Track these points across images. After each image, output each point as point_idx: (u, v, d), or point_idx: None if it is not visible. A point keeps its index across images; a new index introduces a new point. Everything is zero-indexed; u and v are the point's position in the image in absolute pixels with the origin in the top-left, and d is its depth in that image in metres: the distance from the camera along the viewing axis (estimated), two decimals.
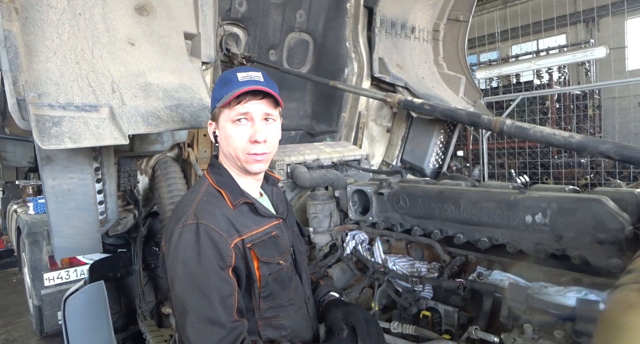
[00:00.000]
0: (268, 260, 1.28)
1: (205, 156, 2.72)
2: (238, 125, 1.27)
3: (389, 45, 3.59)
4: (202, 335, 1.11)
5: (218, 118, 1.32)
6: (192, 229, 1.18)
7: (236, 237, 1.22)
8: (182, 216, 1.21)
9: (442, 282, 1.80)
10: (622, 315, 0.98)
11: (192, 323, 1.12)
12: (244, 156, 1.28)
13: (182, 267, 1.16)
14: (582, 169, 6.03)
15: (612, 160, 1.40)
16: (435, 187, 1.92)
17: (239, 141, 1.27)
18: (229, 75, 1.30)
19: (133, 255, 2.58)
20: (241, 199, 1.30)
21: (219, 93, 1.29)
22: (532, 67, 7.54)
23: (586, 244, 1.45)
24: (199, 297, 1.13)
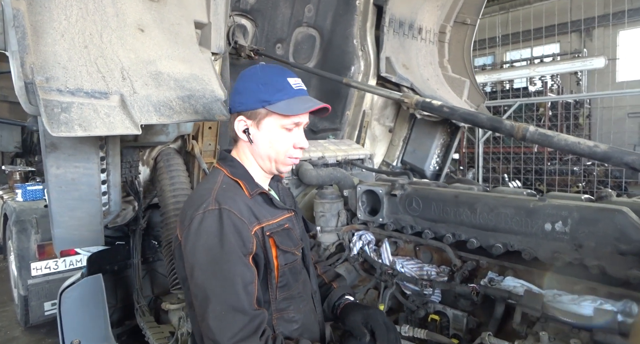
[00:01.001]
0: (286, 248, 1.30)
1: (209, 148, 2.66)
2: (289, 131, 1.29)
3: (396, 45, 3.56)
4: (225, 323, 1.09)
5: (261, 119, 1.28)
6: (214, 215, 1.16)
7: (256, 225, 1.23)
8: (202, 202, 1.19)
9: (455, 286, 1.78)
10: None
11: (213, 310, 1.10)
12: (284, 158, 1.31)
13: (204, 253, 1.14)
14: (575, 177, 6.13)
15: (638, 171, 1.40)
16: (451, 191, 1.90)
17: (286, 145, 1.30)
18: (280, 79, 1.29)
19: (132, 248, 2.51)
20: (257, 189, 1.31)
21: (270, 95, 1.26)
22: (531, 74, 7.63)
23: (607, 254, 1.45)
24: (222, 284, 1.11)
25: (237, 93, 1.30)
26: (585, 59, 7.11)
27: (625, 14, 10.22)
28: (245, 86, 1.29)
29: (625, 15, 10.19)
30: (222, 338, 1.07)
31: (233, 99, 1.32)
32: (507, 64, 11.50)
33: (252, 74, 1.30)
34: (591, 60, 6.79)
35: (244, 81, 1.30)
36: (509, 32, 11.06)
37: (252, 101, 1.26)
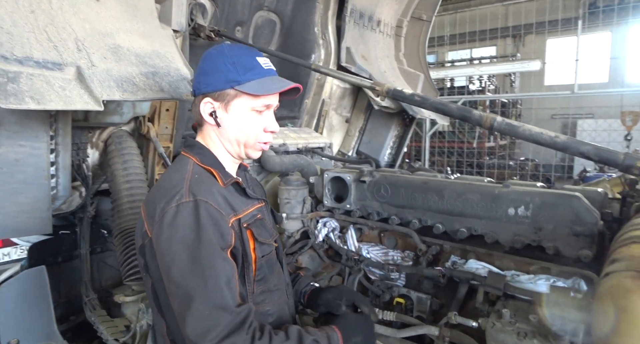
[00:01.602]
0: (264, 240, 1.26)
1: (166, 132, 2.52)
2: (259, 114, 1.24)
3: (357, 35, 3.58)
4: (207, 322, 1.02)
5: (230, 100, 1.22)
6: (189, 207, 1.09)
7: (232, 216, 1.17)
8: (174, 194, 1.11)
9: (422, 270, 1.84)
10: (622, 299, 1.07)
11: (197, 310, 1.02)
12: (254, 143, 1.26)
13: (181, 250, 1.07)
14: (511, 171, 6.61)
15: (592, 160, 1.52)
16: (420, 178, 1.96)
17: (256, 129, 1.25)
18: (249, 59, 1.22)
19: (79, 238, 2.31)
20: (231, 179, 1.26)
21: (239, 75, 1.19)
22: (474, 73, 8.10)
23: (563, 236, 1.57)
24: (203, 282, 1.04)
25: (203, 73, 1.23)
26: (524, 62, 7.69)
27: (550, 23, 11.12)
28: (212, 65, 1.22)
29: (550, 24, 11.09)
30: (206, 338, 1.00)
31: (198, 80, 1.24)
32: (448, 63, 12.08)
33: (219, 53, 1.23)
34: (528, 63, 7.35)
35: (210, 60, 1.23)
36: (450, 33, 11.60)
37: (220, 82, 1.20)
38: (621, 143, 7.68)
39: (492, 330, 1.45)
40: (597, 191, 1.71)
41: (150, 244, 1.13)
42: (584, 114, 10.36)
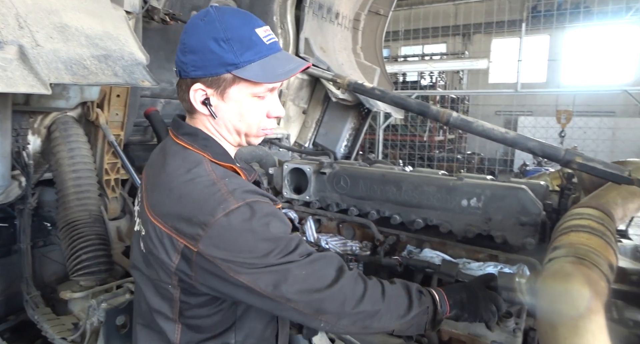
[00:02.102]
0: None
1: (116, 119, 2.39)
2: (261, 99, 1.05)
3: (315, 27, 3.57)
4: (344, 302, 0.99)
5: (226, 87, 1.01)
6: (243, 213, 0.94)
7: (278, 203, 1.13)
8: (215, 204, 0.93)
9: (381, 259, 1.90)
10: (563, 282, 1.17)
11: (326, 294, 0.97)
12: (257, 131, 1.09)
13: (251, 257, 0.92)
14: (459, 164, 6.94)
15: (537, 155, 1.64)
16: (379, 170, 2.00)
17: (259, 116, 1.06)
18: (247, 32, 0.98)
19: (18, 231, 2.15)
20: (254, 174, 1.16)
21: (238, 56, 0.97)
22: (427, 68, 8.36)
23: (510, 225, 1.68)
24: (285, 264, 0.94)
25: (190, 52, 0.99)
26: (472, 60, 8.05)
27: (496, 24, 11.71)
28: (201, 42, 0.97)
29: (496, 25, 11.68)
30: (355, 303, 0.99)
31: (184, 60, 1.00)
32: (401, 57, 12.38)
33: (208, 25, 0.97)
34: (476, 61, 7.71)
35: (198, 35, 0.98)
36: (404, 28, 11.88)
37: (213, 65, 0.97)
38: (556, 139, 8.29)
39: None
40: (540, 184, 1.84)
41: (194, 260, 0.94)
42: (524, 112, 11.06)
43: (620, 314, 1.68)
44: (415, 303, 1.10)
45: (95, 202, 2.16)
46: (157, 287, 1.05)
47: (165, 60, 2.87)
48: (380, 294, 1.05)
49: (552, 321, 1.09)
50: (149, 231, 1.01)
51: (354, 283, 1.02)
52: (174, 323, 1.06)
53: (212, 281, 0.95)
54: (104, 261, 1.99)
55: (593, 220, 1.44)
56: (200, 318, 1.06)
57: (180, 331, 1.06)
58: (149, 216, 1.01)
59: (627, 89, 6.62)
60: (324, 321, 0.99)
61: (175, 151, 1.06)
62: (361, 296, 1.01)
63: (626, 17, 10.23)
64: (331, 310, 0.98)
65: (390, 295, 1.07)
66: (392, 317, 1.06)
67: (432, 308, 1.13)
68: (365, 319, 1.02)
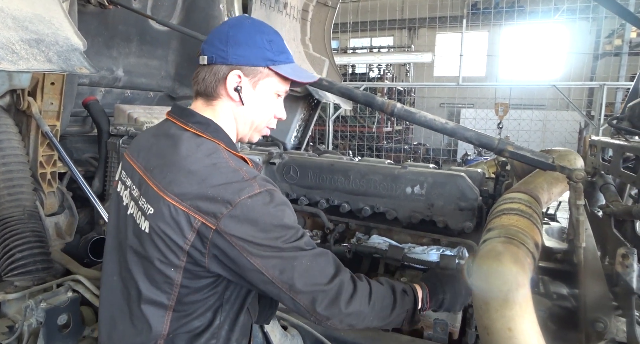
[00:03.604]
0: None
1: (51, 109, 2.24)
2: (278, 98, 1.21)
3: (263, 16, 3.53)
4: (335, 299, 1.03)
5: (260, 79, 1.13)
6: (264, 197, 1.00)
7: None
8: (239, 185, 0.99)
9: (330, 247, 1.95)
10: (494, 260, 1.28)
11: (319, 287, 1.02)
12: (262, 127, 1.22)
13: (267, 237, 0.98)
14: (405, 154, 7.18)
15: (474, 145, 1.75)
16: (327, 160, 2.05)
17: (271, 112, 1.21)
18: (281, 41, 1.17)
19: None
20: (259, 167, 1.27)
21: (276, 55, 1.13)
22: (374, 61, 8.53)
23: (450, 211, 1.79)
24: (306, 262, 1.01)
25: (236, 44, 1.10)
26: (417, 53, 8.32)
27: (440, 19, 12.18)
28: (249, 37, 1.11)
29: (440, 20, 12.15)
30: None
31: (226, 50, 1.10)
32: (350, 50, 12.53)
33: (253, 27, 1.13)
34: (422, 54, 7.99)
35: (246, 32, 1.11)
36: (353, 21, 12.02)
37: (257, 57, 1.11)
38: (495, 130, 8.82)
39: None
40: (477, 171, 1.97)
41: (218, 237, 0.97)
42: (466, 104, 11.64)
43: (546, 288, 1.85)
44: (398, 305, 1.18)
45: (30, 197, 2.03)
46: (155, 272, 1.04)
47: (104, 47, 2.73)
48: (368, 297, 1.11)
49: (485, 296, 1.19)
50: (161, 210, 1.01)
51: (347, 283, 1.08)
52: (165, 310, 1.06)
53: (224, 260, 1.00)
54: (41, 260, 1.88)
55: (522, 203, 1.57)
56: (194, 304, 1.07)
57: (170, 319, 1.07)
58: (162, 195, 1.02)
59: (556, 84, 7.17)
60: (314, 316, 1.04)
61: (187, 136, 1.10)
62: (350, 297, 1.07)
63: (554, 17, 11.03)
64: (324, 306, 1.03)
65: (377, 298, 1.14)
66: (375, 318, 1.14)
67: (412, 308, 1.22)
68: (352, 320, 1.09)
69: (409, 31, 13.41)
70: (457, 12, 10.91)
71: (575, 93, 10.87)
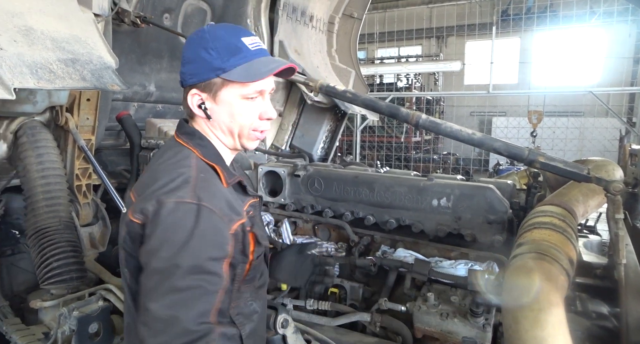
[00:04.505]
0: (263, 241, 1.19)
1: (87, 124, 2.34)
2: (252, 101, 1.14)
3: (289, 29, 3.58)
4: (158, 336, 0.93)
5: (217, 90, 1.11)
6: (191, 211, 0.99)
7: (237, 221, 1.07)
8: (175, 188, 1.01)
9: (355, 260, 1.92)
10: (525, 277, 1.22)
11: (154, 313, 0.95)
12: (249, 132, 1.16)
13: (165, 250, 0.97)
14: (435, 165, 7.06)
15: (502, 155, 1.70)
16: (351, 172, 2.03)
17: (250, 118, 1.15)
18: (233, 40, 1.11)
19: None
20: (235, 178, 1.17)
21: (225, 62, 1.09)
22: (402, 70, 8.48)
23: (479, 224, 1.73)
24: (169, 290, 0.95)
25: (187, 62, 1.13)
26: (446, 62, 8.21)
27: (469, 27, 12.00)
28: (194, 52, 1.11)
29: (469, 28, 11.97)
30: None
31: (183, 70, 1.14)
32: (378, 60, 12.51)
33: (200, 38, 1.11)
34: (450, 63, 7.87)
35: (192, 48, 1.12)
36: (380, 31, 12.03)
37: (205, 71, 1.10)
38: (528, 139, 8.54)
39: (418, 313, 1.56)
40: (507, 183, 1.90)
41: (139, 231, 1.02)
42: (497, 112, 11.35)
43: (584, 306, 1.75)
44: None
45: (66, 209, 2.12)
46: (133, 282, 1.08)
47: (137, 63, 2.84)
48: None
49: (515, 315, 1.14)
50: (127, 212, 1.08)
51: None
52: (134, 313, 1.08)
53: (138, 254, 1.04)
54: (75, 269, 1.95)
55: (555, 217, 1.50)
56: None
57: None
58: (131, 196, 1.11)
59: (593, 90, 6.89)
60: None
61: (172, 145, 1.18)
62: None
63: (591, 21, 10.64)
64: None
65: None
66: None
67: None
68: None
69: (437, 40, 13.27)
70: (487, 19, 10.73)
71: (614, 99, 10.40)
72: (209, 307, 0.97)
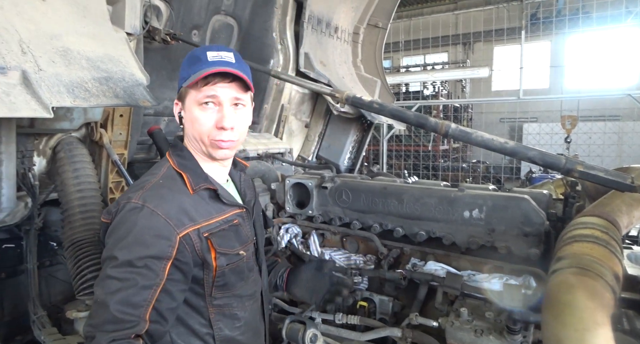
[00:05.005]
0: (226, 251, 1.23)
1: (120, 139, 2.42)
2: (205, 109, 1.21)
3: (314, 41, 3.61)
4: (93, 317, 1.07)
5: (184, 98, 1.24)
6: (134, 210, 1.12)
7: (190, 227, 1.16)
8: (130, 193, 1.17)
9: (384, 273, 1.88)
10: (567, 294, 1.15)
11: (95, 297, 1.09)
12: (209, 141, 1.23)
13: (109, 239, 1.13)
14: (464, 173, 6.90)
15: (538, 165, 1.63)
16: (380, 183, 2.00)
17: (205, 125, 1.21)
18: (198, 53, 1.23)
19: (25, 251, 2.16)
20: (203, 184, 1.23)
21: (186, 72, 1.22)
22: (429, 78, 8.40)
23: (513, 236, 1.66)
24: (105, 277, 1.07)
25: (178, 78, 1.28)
26: (474, 69, 8.08)
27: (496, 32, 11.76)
28: (180, 68, 1.27)
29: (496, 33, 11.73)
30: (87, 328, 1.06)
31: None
32: (403, 68, 12.44)
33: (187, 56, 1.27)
34: (478, 69, 7.74)
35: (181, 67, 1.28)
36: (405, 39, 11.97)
37: (179, 82, 1.24)
38: (562, 145, 8.23)
39: (451, 329, 1.50)
40: (543, 193, 1.83)
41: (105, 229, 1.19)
42: (529, 118, 11.03)
43: (632, 324, 1.64)
44: None
45: (100, 222, 2.18)
46: None
47: (167, 79, 2.91)
48: None
49: (558, 335, 1.07)
50: None
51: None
52: None
53: None
54: None
55: (597, 229, 1.42)
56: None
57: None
58: None
59: (631, 92, 6.59)
60: None
61: (161, 159, 1.32)
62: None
63: (627, 21, 10.23)
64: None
65: None
66: None
67: None
68: None
69: (464, 46, 13.09)
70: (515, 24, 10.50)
71: None
72: (139, 301, 1.05)
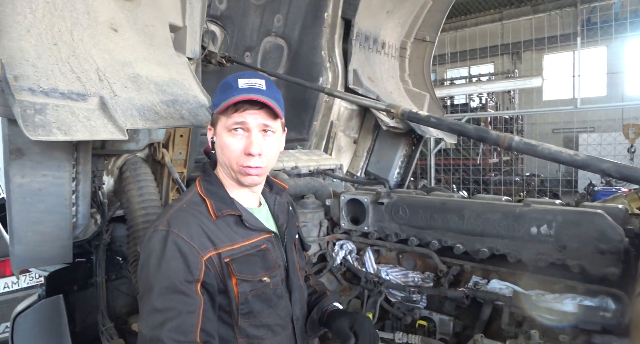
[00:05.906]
0: (246, 277, 1.20)
1: (180, 157, 2.53)
2: (234, 135, 1.21)
3: (362, 58, 3.64)
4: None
5: (216, 124, 1.27)
6: (160, 236, 1.13)
7: (211, 251, 1.15)
8: (157, 219, 1.20)
9: (446, 291, 1.82)
10: None
11: (141, 333, 1.08)
12: (238, 167, 1.23)
13: (142, 272, 1.14)
14: (517, 187, 6.61)
15: (613, 178, 1.53)
16: (438, 198, 1.96)
17: (234, 151, 1.22)
18: (230, 81, 1.25)
19: (95, 265, 2.29)
20: (226, 210, 1.23)
21: (218, 98, 1.24)
22: (477, 90, 8.21)
23: (588, 254, 1.56)
24: (149, 311, 1.08)
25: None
26: (525, 79, 7.80)
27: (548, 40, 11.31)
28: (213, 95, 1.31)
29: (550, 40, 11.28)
30: None
31: None
32: (447, 81, 12.22)
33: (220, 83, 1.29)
34: (530, 79, 7.46)
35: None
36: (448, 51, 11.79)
37: (212, 109, 1.27)
38: (626, 156, 7.68)
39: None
40: (619, 208, 1.71)
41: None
42: (587, 128, 10.42)
43: None
44: None
45: None
46: None
47: None
48: None
49: None
50: None
51: None
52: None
53: None
54: None
55: None
56: None
57: None
58: None
59: None
60: None
61: (192, 184, 1.34)
62: None
63: None
64: None
65: None
66: None
67: None
68: None
69: (512, 56, 12.68)
70: (569, 30, 10.06)
71: None
72: (188, 327, 1.06)
